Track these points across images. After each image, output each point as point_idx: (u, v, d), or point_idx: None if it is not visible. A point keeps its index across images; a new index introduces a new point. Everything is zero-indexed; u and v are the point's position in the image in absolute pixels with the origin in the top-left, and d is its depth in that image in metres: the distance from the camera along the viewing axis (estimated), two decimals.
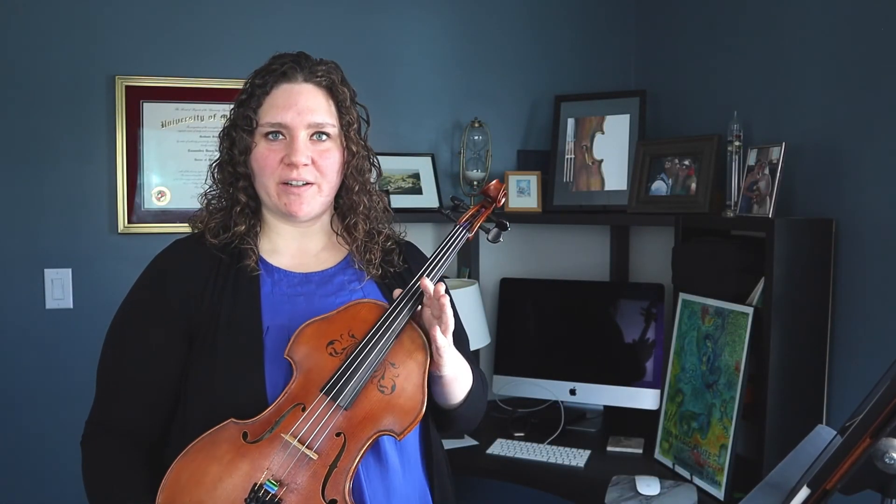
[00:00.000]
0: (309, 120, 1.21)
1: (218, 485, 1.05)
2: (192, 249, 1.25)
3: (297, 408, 1.09)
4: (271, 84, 1.22)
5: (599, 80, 2.62)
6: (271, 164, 1.21)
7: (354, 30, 2.48)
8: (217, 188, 1.29)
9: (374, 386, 1.11)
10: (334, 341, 1.14)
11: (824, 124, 1.79)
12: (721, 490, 1.71)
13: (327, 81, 1.24)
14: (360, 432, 1.08)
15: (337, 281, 1.27)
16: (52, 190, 2.27)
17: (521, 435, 2.18)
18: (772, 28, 1.97)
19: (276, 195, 1.22)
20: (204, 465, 1.06)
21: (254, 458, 1.06)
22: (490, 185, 1.35)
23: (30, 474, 2.28)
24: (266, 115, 1.21)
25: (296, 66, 1.23)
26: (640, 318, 2.27)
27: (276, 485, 1.04)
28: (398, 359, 1.13)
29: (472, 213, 1.32)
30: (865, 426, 0.74)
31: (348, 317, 1.16)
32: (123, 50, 2.31)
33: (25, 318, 2.27)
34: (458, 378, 1.20)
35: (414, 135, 2.56)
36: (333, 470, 1.06)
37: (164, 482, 1.06)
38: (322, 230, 1.32)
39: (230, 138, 1.25)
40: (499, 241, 1.33)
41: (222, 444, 1.07)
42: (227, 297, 1.19)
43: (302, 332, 1.14)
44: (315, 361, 1.12)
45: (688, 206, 2.11)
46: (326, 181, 1.24)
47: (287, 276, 1.25)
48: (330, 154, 1.23)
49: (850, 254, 1.70)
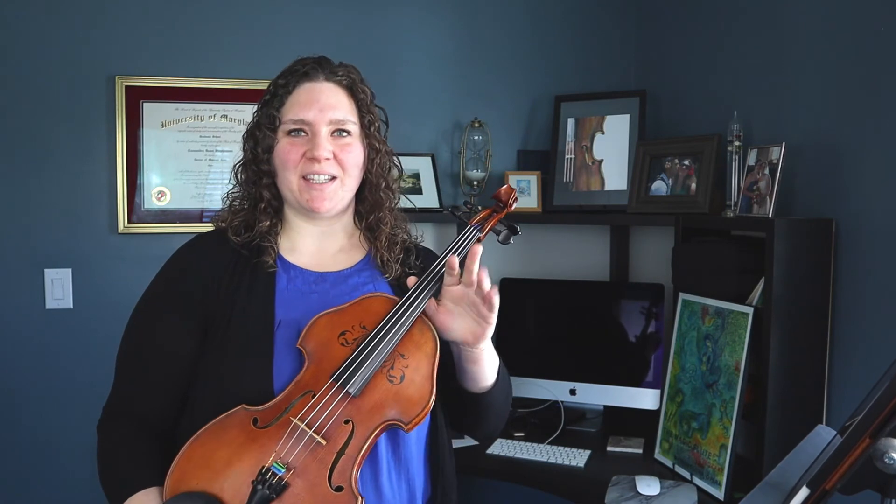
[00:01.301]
0: (330, 116, 1.25)
1: (226, 468, 1.07)
2: (214, 243, 1.28)
3: (308, 395, 1.11)
4: (294, 83, 1.26)
5: (599, 80, 2.62)
6: (293, 159, 1.24)
7: (355, 30, 2.48)
8: (240, 189, 1.32)
9: (384, 375, 1.13)
10: (346, 332, 1.16)
11: (824, 124, 1.79)
12: (721, 490, 1.71)
13: (348, 81, 1.29)
14: (369, 420, 1.10)
15: (351, 282, 1.29)
16: (53, 190, 2.28)
17: (521, 435, 2.18)
18: (772, 28, 1.97)
19: (299, 191, 1.25)
20: (213, 448, 1.08)
21: (263, 442, 1.08)
22: (501, 189, 1.37)
23: (30, 474, 2.28)
24: (289, 113, 1.25)
25: (317, 66, 1.28)
26: (640, 318, 2.27)
27: (284, 467, 1.06)
28: (408, 350, 1.15)
29: (483, 216, 1.34)
30: (865, 426, 0.74)
31: (360, 309, 1.19)
32: (123, 50, 2.31)
33: (25, 318, 2.27)
34: (492, 353, 1.23)
35: (414, 135, 2.56)
36: (341, 457, 1.07)
37: (174, 464, 1.08)
38: (343, 230, 1.34)
39: (254, 138, 1.28)
40: (509, 243, 1.35)
41: (232, 428, 1.09)
42: (243, 291, 1.22)
43: (315, 323, 1.17)
44: (327, 351, 1.14)
45: (688, 206, 2.11)
46: (348, 175, 1.27)
47: (303, 273, 1.27)
48: (351, 149, 1.26)
49: (850, 254, 1.70)
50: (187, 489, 1.06)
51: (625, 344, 2.28)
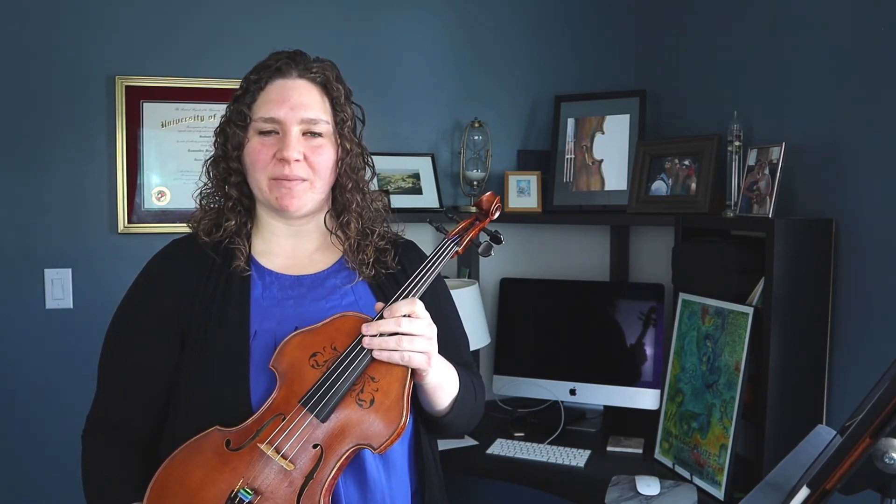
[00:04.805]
0: (302, 115, 1.21)
1: (200, 490, 1.07)
2: (187, 249, 1.26)
3: (278, 418, 1.10)
4: (266, 80, 1.22)
5: (599, 80, 2.63)
6: (263, 159, 1.21)
7: (354, 30, 2.48)
8: (211, 185, 1.29)
9: (353, 399, 1.11)
10: (317, 353, 1.14)
11: (824, 124, 1.79)
12: (721, 490, 1.71)
13: (322, 78, 1.24)
14: (338, 445, 1.09)
15: (329, 284, 1.27)
16: (52, 190, 2.28)
17: (521, 435, 2.18)
18: (772, 28, 1.97)
19: (268, 189, 1.22)
20: (188, 470, 1.08)
21: (234, 465, 1.08)
22: (483, 197, 1.31)
23: (30, 474, 2.28)
24: (259, 110, 1.21)
25: (291, 62, 1.23)
26: (639, 318, 2.27)
27: (251, 493, 1.05)
28: (378, 373, 1.12)
29: (463, 226, 1.30)
30: (865, 426, 0.74)
31: (332, 329, 1.16)
32: (123, 50, 2.31)
33: (25, 318, 2.27)
34: (443, 386, 1.20)
35: (414, 135, 2.56)
36: (310, 481, 1.07)
37: (151, 484, 1.09)
38: (317, 229, 1.31)
39: (224, 134, 1.25)
40: (489, 255, 1.30)
41: (206, 450, 1.09)
42: (218, 299, 1.20)
43: (287, 344, 1.15)
44: (297, 373, 1.13)
45: (688, 206, 2.11)
46: (319, 178, 1.23)
47: (279, 278, 1.25)
48: (323, 150, 1.23)
49: (850, 254, 1.70)
50: None
51: (625, 344, 2.28)
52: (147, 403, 1.20)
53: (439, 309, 1.27)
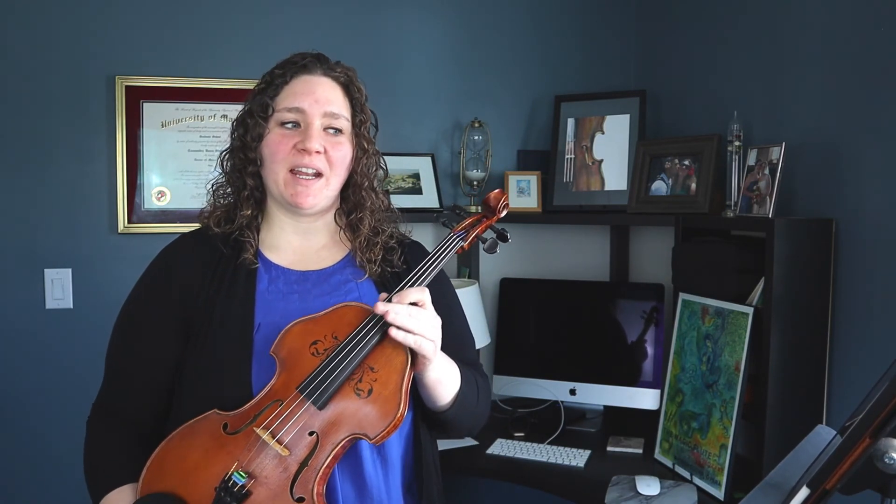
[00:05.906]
0: (325, 109, 1.24)
1: (195, 471, 1.09)
2: (196, 243, 1.28)
3: (276, 403, 1.11)
4: (291, 74, 1.26)
5: (599, 80, 2.63)
6: (283, 150, 1.23)
7: (355, 30, 2.48)
8: (225, 177, 1.31)
9: (351, 388, 1.11)
10: (318, 341, 1.15)
11: (824, 124, 1.79)
12: (721, 490, 1.71)
13: (345, 79, 1.29)
14: (334, 433, 1.09)
15: (334, 280, 1.28)
16: (52, 190, 2.28)
17: (521, 435, 2.18)
18: (771, 28, 1.97)
19: (284, 184, 1.23)
20: (185, 451, 1.10)
21: (230, 449, 1.09)
22: (491, 195, 1.33)
23: (30, 474, 2.28)
24: (283, 102, 1.24)
25: (316, 60, 1.28)
26: (639, 318, 2.27)
27: (245, 476, 1.06)
28: (378, 363, 1.13)
29: (469, 222, 1.31)
30: (865, 426, 0.74)
31: (334, 318, 1.17)
32: (123, 50, 2.31)
33: (25, 318, 2.27)
34: (443, 381, 1.20)
35: (414, 135, 2.56)
36: (304, 468, 1.07)
37: (148, 464, 1.11)
38: (325, 227, 1.33)
39: (245, 125, 1.27)
40: (495, 252, 1.31)
41: (203, 433, 1.11)
42: (224, 292, 1.21)
43: (288, 331, 1.16)
44: (297, 360, 1.14)
45: (688, 206, 2.11)
46: (335, 174, 1.26)
47: (285, 273, 1.27)
48: (342, 147, 1.26)
49: (850, 254, 1.70)
50: (159, 489, 1.09)
51: (625, 344, 2.28)
52: (152, 393, 1.22)
53: (445, 306, 1.27)
